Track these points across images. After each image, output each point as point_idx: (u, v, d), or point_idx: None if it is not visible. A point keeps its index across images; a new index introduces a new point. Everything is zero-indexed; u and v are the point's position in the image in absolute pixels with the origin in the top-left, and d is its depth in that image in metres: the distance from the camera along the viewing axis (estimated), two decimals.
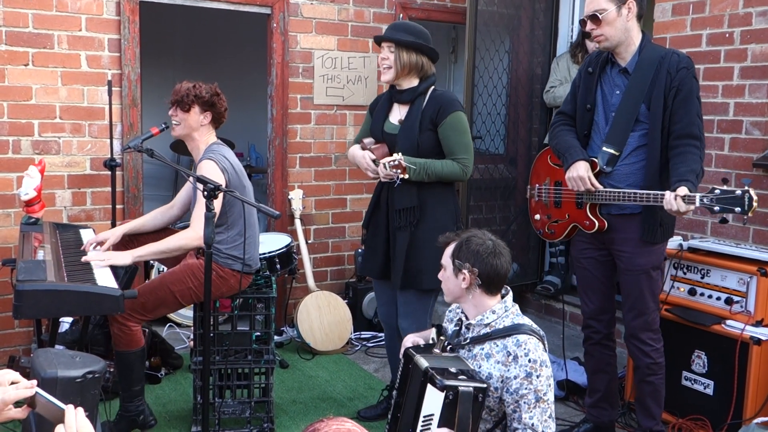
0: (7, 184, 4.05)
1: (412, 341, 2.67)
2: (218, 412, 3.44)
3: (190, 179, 3.31)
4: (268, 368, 3.51)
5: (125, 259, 3.13)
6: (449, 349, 2.52)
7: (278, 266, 3.96)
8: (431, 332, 2.74)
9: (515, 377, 2.34)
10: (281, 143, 4.84)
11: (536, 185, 3.40)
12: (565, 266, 5.14)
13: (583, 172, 3.03)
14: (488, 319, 2.46)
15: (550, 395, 2.36)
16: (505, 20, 5.01)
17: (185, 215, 3.59)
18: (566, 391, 3.86)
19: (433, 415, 2.26)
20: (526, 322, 2.47)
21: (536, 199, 3.39)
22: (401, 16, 5.09)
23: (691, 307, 3.49)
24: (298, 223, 4.79)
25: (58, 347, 3.20)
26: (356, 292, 4.89)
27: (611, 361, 3.32)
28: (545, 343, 2.46)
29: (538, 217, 3.38)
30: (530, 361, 2.33)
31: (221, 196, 3.02)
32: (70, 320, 3.87)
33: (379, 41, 3.32)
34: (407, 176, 3.13)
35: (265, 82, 4.88)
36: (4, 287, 3.96)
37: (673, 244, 3.49)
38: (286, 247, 4.04)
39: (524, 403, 2.32)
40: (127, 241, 3.44)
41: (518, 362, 2.34)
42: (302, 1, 4.78)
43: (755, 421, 3.06)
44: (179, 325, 4.77)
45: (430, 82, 3.30)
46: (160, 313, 3.34)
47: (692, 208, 2.73)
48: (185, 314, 4.69)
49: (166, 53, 6.85)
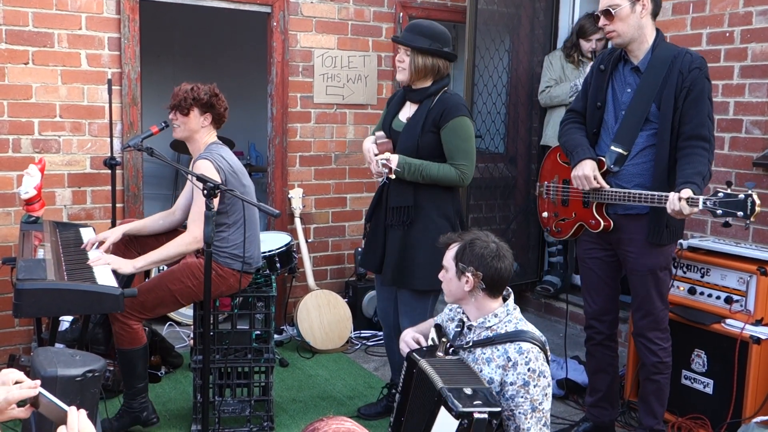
0: (7, 182, 4.05)
1: (411, 336, 2.67)
2: (218, 410, 3.44)
3: (189, 178, 3.30)
4: (267, 367, 3.51)
5: (126, 267, 3.11)
6: (451, 351, 2.52)
7: (278, 265, 3.97)
8: (429, 325, 2.75)
9: (512, 384, 2.34)
10: (281, 142, 4.83)
11: (545, 182, 3.38)
12: (564, 265, 5.14)
13: (588, 171, 3.01)
14: (490, 322, 2.46)
15: (545, 404, 2.36)
16: (505, 19, 5.01)
17: (187, 219, 3.57)
18: (566, 390, 3.86)
19: None
20: (529, 328, 2.46)
21: (544, 196, 3.38)
22: (401, 15, 5.09)
23: (690, 306, 3.49)
24: (298, 221, 4.79)
25: (58, 346, 3.20)
26: (356, 290, 4.89)
27: (613, 361, 3.32)
28: (547, 350, 2.45)
29: (546, 214, 3.37)
30: (529, 370, 2.33)
31: (221, 194, 3.01)
32: (70, 319, 3.87)
33: (395, 43, 3.34)
34: (393, 177, 3.16)
35: (265, 80, 4.87)
36: (4, 286, 3.96)
37: None
38: (286, 245, 4.04)
39: (520, 413, 2.33)
40: (127, 241, 3.45)
41: (517, 369, 2.34)
42: None
43: (755, 420, 3.07)
44: (179, 323, 4.77)
45: (442, 84, 3.27)
46: (159, 311, 3.34)
47: (695, 210, 2.70)
48: (185, 313, 4.69)
49: (166, 52, 6.85)
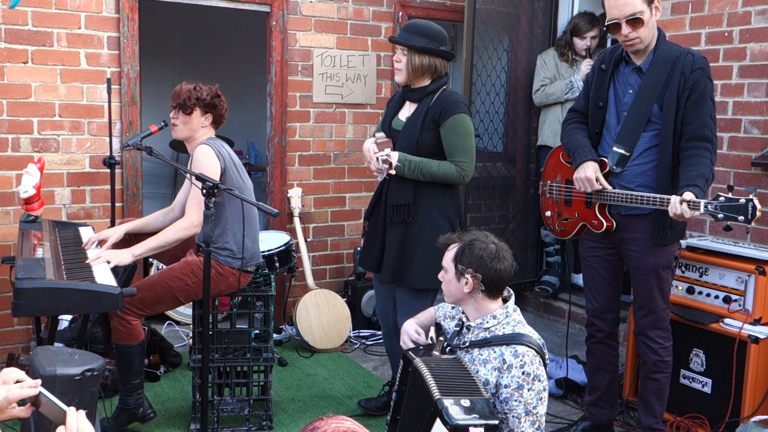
0: (6, 181, 4.05)
1: (413, 329, 2.66)
2: (217, 410, 3.45)
3: (188, 178, 3.30)
4: (267, 366, 3.52)
5: (125, 258, 3.14)
6: (448, 350, 2.52)
7: (277, 264, 3.97)
8: (430, 314, 2.75)
9: (506, 386, 2.33)
10: (280, 141, 4.83)
11: (548, 182, 3.38)
12: (562, 265, 5.14)
13: (590, 173, 3.01)
14: (488, 323, 2.46)
15: (540, 409, 2.35)
16: (503, 19, 5.01)
17: None
18: (564, 389, 3.86)
19: None
20: (527, 332, 2.45)
21: (547, 195, 3.38)
22: (400, 14, 5.09)
23: (689, 305, 3.49)
24: (297, 221, 4.79)
25: (57, 345, 3.20)
26: (355, 290, 4.89)
27: (613, 360, 3.32)
28: (545, 354, 2.44)
29: (549, 213, 3.37)
30: (524, 373, 2.32)
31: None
32: (69, 318, 3.87)
33: (392, 43, 3.34)
34: (393, 173, 3.17)
35: (264, 80, 4.88)
36: (3, 285, 3.96)
37: None
38: (285, 245, 4.05)
39: (513, 416, 2.32)
40: (128, 240, 3.45)
41: (511, 372, 2.33)
42: None
43: (753, 419, 3.07)
44: (178, 323, 4.77)
45: (441, 82, 3.29)
46: (158, 309, 3.35)
47: (696, 214, 2.70)
48: (184, 312, 4.70)
49: (165, 51, 6.85)
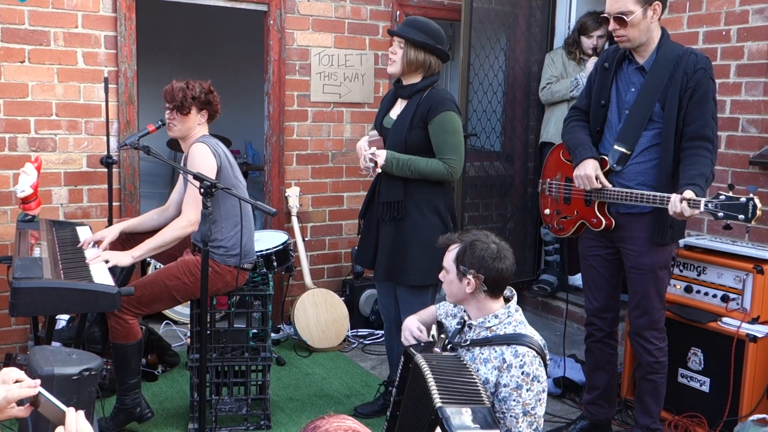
0: (3, 181, 4.04)
1: (415, 326, 2.66)
2: (215, 409, 3.44)
3: (188, 177, 3.30)
4: (264, 365, 3.51)
5: (125, 260, 3.14)
6: (449, 348, 2.52)
7: (275, 263, 3.97)
8: (431, 312, 2.76)
9: (505, 386, 2.33)
10: (278, 140, 4.83)
11: (547, 179, 3.38)
12: (560, 264, 5.14)
13: (590, 170, 3.01)
14: (490, 323, 2.45)
15: (538, 410, 2.34)
16: (501, 17, 5.01)
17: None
18: (563, 388, 3.86)
19: None
20: (528, 332, 2.45)
21: (547, 193, 3.38)
22: (398, 13, 5.09)
23: (687, 304, 3.50)
24: (294, 220, 4.79)
25: (54, 344, 3.19)
26: (353, 289, 4.89)
27: (612, 359, 3.32)
28: (545, 355, 2.43)
29: (547, 211, 3.37)
30: (523, 373, 2.32)
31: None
32: (66, 317, 3.87)
33: (391, 35, 3.37)
34: (379, 171, 3.20)
35: (261, 79, 4.87)
36: (0, 285, 3.95)
37: None
38: (282, 244, 4.04)
39: (511, 416, 2.31)
40: (123, 239, 3.44)
41: (510, 372, 2.33)
42: None
43: (751, 418, 3.08)
44: (176, 322, 4.76)
45: (431, 80, 3.30)
46: (156, 307, 3.34)
47: (696, 212, 2.70)
48: (182, 311, 4.69)
49: (162, 50, 6.84)
